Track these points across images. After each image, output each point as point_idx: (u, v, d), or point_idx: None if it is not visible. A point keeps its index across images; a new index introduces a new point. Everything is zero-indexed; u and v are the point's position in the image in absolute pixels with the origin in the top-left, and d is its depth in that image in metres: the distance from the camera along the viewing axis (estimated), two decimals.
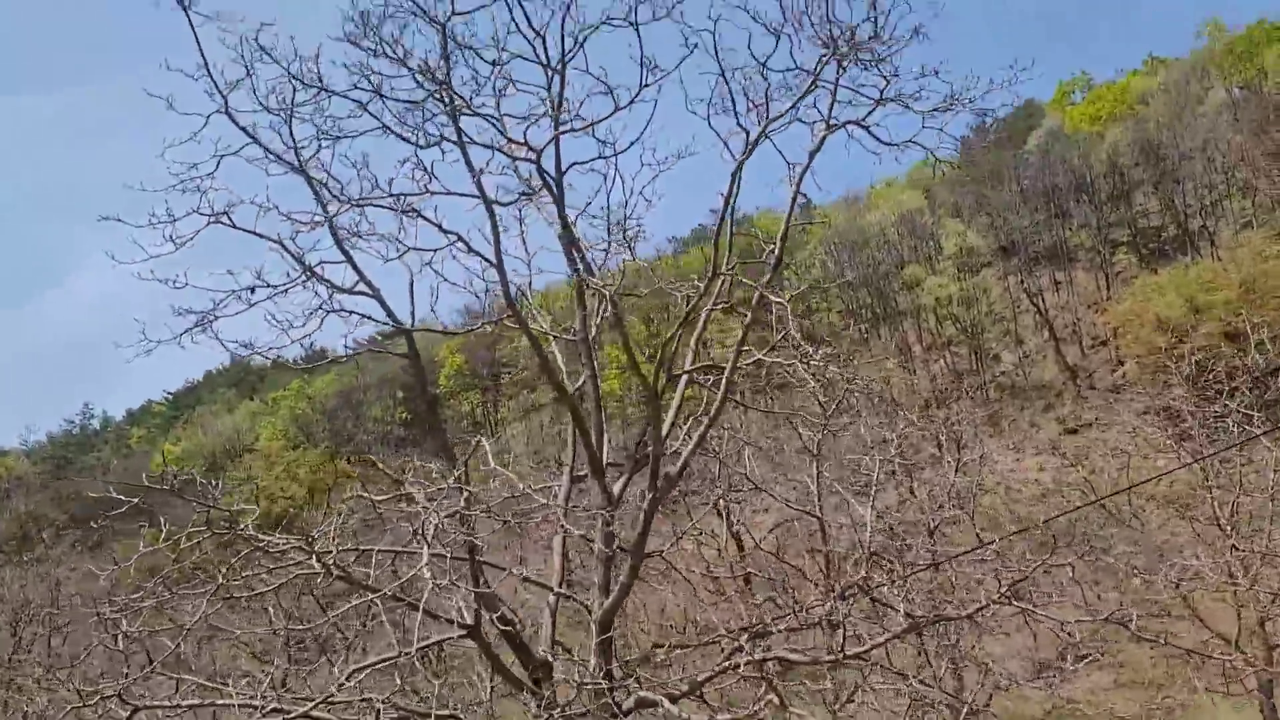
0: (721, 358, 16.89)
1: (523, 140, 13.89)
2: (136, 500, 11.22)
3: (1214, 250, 77.43)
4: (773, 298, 14.81)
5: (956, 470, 35.96)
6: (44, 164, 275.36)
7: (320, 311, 14.46)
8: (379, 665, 13.11)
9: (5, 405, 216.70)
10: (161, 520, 12.14)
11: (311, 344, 15.40)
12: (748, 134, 13.97)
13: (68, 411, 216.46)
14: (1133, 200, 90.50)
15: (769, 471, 30.67)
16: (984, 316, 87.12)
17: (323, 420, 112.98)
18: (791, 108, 13.75)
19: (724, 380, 14.84)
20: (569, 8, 14.39)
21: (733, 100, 13.72)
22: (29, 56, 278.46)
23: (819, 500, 25.40)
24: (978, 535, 38.43)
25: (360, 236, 14.98)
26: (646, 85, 13.22)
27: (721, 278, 15.17)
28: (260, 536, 12.17)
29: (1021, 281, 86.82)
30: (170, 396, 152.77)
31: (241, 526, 12.00)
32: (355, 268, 15.22)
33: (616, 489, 15.89)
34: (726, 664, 14.32)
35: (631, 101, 13.42)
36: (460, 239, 14.34)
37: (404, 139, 14.24)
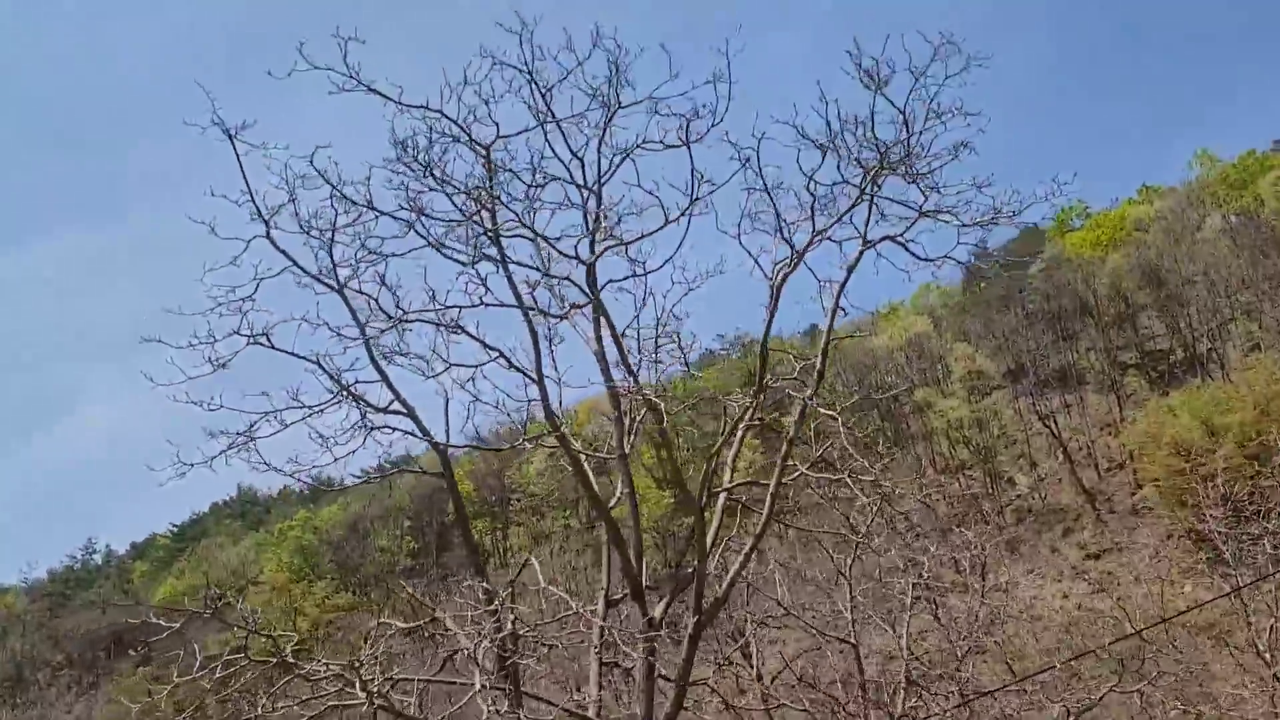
0: (759, 474, 16.62)
1: (573, 253, 14.00)
2: (178, 625, 10.85)
3: (1224, 372, 77.45)
4: (822, 410, 14.61)
5: (983, 596, 34.98)
6: (45, 308, 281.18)
7: (361, 429, 14.30)
8: None
9: (10, 542, 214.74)
10: (196, 648, 11.66)
11: (319, 472, 15.05)
12: (793, 248, 14.04)
13: (70, 546, 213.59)
14: (1138, 323, 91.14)
15: (792, 595, 29.76)
16: (996, 439, 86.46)
17: (328, 551, 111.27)
18: (837, 220, 13.88)
19: (769, 496, 14.49)
20: (605, 132, 14.74)
21: (777, 215, 13.87)
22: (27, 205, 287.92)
23: (853, 626, 24.54)
24: (1007, 664, 37.09)
25: (399, 354, 14.96)
26: (696, 199, 13.36)
27: (763, 393, 15.01)
28: (302, 664, 11.68)
29: (1033, 404, 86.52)
30: (175, 529, 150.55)
31: (284, 652, 11.52)
32: (391, 387, 15.17)
33: (657, 613, 15.33)
34: None
35: (680, 215, 13.55)
36: (502, 354, 14.29)
37: (451, 258, 14.38)
